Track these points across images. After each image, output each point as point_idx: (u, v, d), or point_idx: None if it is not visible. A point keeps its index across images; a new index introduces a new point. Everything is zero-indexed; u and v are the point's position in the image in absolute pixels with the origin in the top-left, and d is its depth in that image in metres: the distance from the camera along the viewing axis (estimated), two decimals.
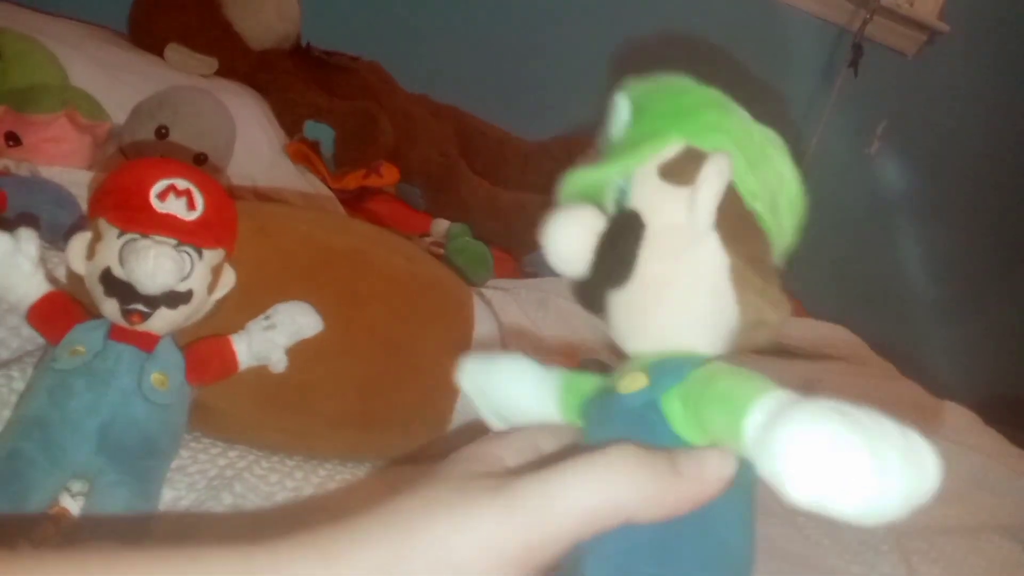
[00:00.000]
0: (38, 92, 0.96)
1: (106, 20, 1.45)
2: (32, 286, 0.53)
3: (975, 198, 2.34)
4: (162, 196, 0.51)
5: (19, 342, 0.62)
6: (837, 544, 0.79)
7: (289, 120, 1.40)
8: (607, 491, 0.26)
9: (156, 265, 0.49)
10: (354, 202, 1.38)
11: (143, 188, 0.51)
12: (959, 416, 1.21)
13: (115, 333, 0.52)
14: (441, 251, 1.16)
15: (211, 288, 0.54)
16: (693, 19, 2.01)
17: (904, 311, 2.40)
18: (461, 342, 0.68)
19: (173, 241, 0.51)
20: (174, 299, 0.52)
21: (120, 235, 0.50)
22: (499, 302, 0.98)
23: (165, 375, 0.52)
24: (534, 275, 1.33)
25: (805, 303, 1.91)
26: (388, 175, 1.40)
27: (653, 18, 1.98)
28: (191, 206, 0.52)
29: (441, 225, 1.35)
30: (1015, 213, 2.37)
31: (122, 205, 0.51)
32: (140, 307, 0.51)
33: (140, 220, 0.50)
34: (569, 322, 1.04)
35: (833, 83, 2.10)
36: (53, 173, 0.88)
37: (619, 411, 0.31)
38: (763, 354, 0.39)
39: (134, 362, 0.51)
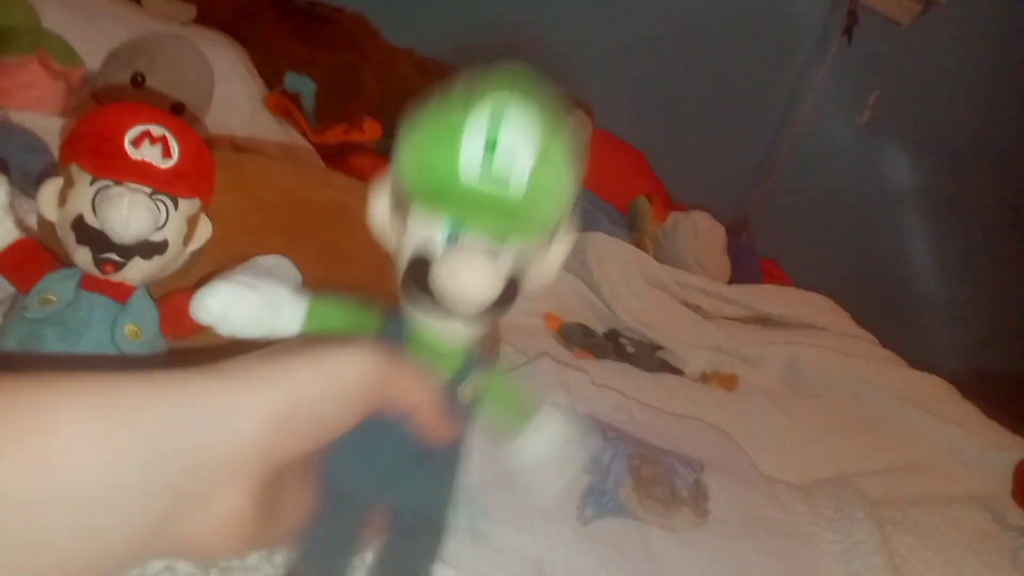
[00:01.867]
0: (7, 34, 0.92)
1: None
2: (1, 233, 0.51)
3: (964, 171, 2.34)
4: (136, 142, 0.49)
5: None
6: (812, 511, 0.80)
7: (270, 71, 1.36)
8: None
9: (130, 214, 0.47)
10: (335, 157, 1.35)
11: (117, 133, 0.49)
12: (936, 388, 1.22)
13: (87, 283, 0.50)
14: None
15: (187, 239, 0.53)
16: None
17: (888, 282, 2.41)
18: None
19: (148, 189, 0.49)
20: (148, 249, 0.50)
21: (93, 182, 0.49)
22: None
23: (139, 327, 0.51)
24: None
25: (790, 272, 1.91)
26: (370, 130, 1.37)
27: None
28: (167, 153, 0.50)
29: None
30: (1004, 187, 2.38)
31: (95, 151, 0.49)
32: (113, 256, 0.49)
33: (114, 166, 0.48)
34: (553, 288, 1.04)
35: (826, 50, 2.08)
36: (24, 118, 0.85)
37: None
38: (746, 322, 0.39)
39: (107, 313, 0.50)
